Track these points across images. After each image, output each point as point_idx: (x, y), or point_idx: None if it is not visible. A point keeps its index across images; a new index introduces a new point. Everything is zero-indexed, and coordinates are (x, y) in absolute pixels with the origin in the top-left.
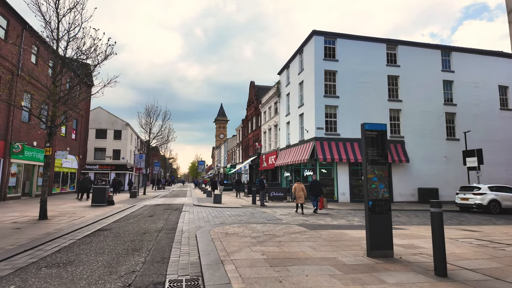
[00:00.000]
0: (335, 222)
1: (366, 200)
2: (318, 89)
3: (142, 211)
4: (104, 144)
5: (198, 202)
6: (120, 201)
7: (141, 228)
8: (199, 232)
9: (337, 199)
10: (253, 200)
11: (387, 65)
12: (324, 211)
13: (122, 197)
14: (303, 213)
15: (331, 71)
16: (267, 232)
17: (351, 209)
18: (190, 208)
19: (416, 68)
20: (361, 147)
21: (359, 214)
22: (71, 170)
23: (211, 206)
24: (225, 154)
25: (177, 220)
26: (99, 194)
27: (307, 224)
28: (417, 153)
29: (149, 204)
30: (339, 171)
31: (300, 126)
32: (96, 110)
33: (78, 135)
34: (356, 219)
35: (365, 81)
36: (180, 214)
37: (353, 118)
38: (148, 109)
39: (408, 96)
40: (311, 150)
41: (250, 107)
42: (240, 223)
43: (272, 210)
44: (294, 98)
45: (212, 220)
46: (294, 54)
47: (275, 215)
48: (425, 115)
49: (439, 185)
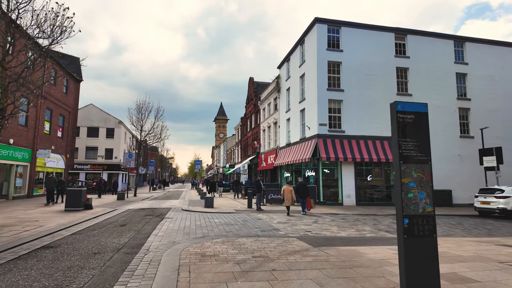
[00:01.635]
0: (343, 233)
1: (399, 216)
2: (320, 81)
3: (118, 218)
4: (96, 143)
5: (188, 206)
6: (103, 205)
7: (97, 245)
8: (167, 254)
9: (342, 202)
10: (248, 204)
11: (395, 56)
12: (329, 218)
13: (108, 199)
14: (288, 214)
15: (335, 62)
16: (258, 251)
17: (358, 214)
18: (176, 214)
19: (427, 60)
20: (391, 138)
21: (369, 221)
22: (56, 170)
23: (200, 211)
24: (224, 154)
25: (151, 232)
26: (73, 197)
27: (309, 236)
28: None
29: (132, 208)
30: (344, 171)
31: (301, 123)
32: (87, 108)
33: (65, 132)
34: (367, 228)
35: (372, 74)
36: (160, 222)
37: (359, 113)
38: (139, 106)
39: (418, 90)
40: (313, 148)
41: (249, 104)
42: (227, 237)
43: (269, 216)
44: (295, 92)
45: (193, 232)
46: (295, 45)
47: (271, 223)
48: (437, 111)
49: (453, 186)
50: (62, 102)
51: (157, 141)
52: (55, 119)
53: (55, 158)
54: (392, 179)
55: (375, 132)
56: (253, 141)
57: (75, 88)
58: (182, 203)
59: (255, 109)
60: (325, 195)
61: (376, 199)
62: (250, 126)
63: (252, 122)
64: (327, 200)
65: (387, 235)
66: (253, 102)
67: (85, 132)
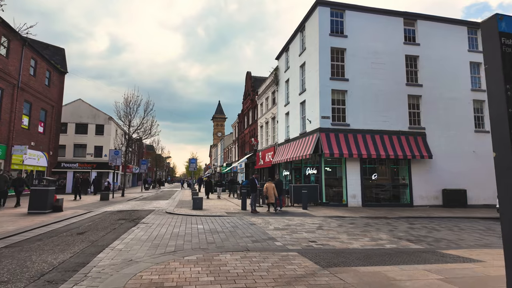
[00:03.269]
0: (356, 243)
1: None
2: (323, 70)
3: (83, 223)
4: (84, 140)
5: (174, 208)
6: (79, 206)
7: (18, 266)
8: (105, 286)
9: (347, 203)
10: (242, 205)
11: (404, 43)
12: (335, 223)
13: (89, 200)
14: (269, 211)
15: (339, 49)
16: (244, 279)
17: (367, 217)
18: (156, 218)
19: (439, 47)
20: (488, 82)
21: (382, 227)
22: (37, 168)
23: (186, 214)
24: (222, 153)
25: (110, 243)
26: (38, 198)
27: (314, 249)
28: (440, 148)
29: (109, 211)
30: (349, 169)
31: (302, 116)
32: (76, 103)
33: (47, 128)
34: (383, 236)
35: (379, 62)
36: (130, 229)
37: (365, 105)
38: (127, 99)
39: (429, 80)
40: (315, 143)
41: (246, 100)
42: (206, 251)
43: (264, 220)
44: (295, 83)
45: (165, 244)
46: (295, 33)
47: (266, 230)
48: (450, 103)
49: (467, 185)
50: (44, 95)
51: (147, 137)
52: (35, 113)
53: (36, 155)
54: (402, 177)
55: (382, 125)
56: (250, 138)
57: (59, 81)
58: (170, 205)
59: (253, 104)
60: (327, 195)
61: (382, 199)
62: (247, 122)
63: (250, 119)
64: (330, 201)
65: (411, 245)
66: (250, 97)
67: (73, 129)
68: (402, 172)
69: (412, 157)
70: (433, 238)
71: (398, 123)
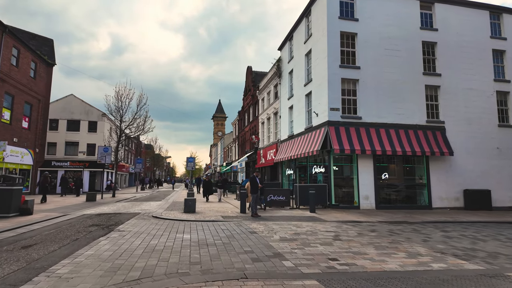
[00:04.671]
0: (391, 261)
1: None
2: (332, 56)
3: (43, 231)
4: (76, 137)
5: (163, 211)
6: (57, 208)
7: None
8: None
9: (358, 205)
10: (241, 209)
11: (421, 28)
12: (353, 230)
13: (75, 200)
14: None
15: (350, 33)
16: None
17: (387, 222)
18: (137, 224)
19: (458, 34)
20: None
21: (412, 235)
22: (21, 167)
23: (175, 218)
24: (222, 152)
25: (51, 265)
26: (1, 200)
27: (339, 273)
28: (461, 144)
29: (88, 214)
30: (361, 167)
31: (307, 110)
32: (67, 98)
33: (33, 124)
34: (420, 249)
35: (393, 48)
36: (94, 241)
37: (379, 96)
38: (118, 92)
39: (448, 69)
40: (323, 138)
41: (247, 96)
42: (184, 279)
43: (268, 227)
44: (299, 74)
45: (129, 265)
46: (299, 19)
47: (270, 241)
48: (471, 94)
49: (491, 185)
50: (29, 88)
51: (140, 133)
52: (18, 106)
53: (19, 152)
54: (419, 176)
55: (398, 119)
56: (250, 136)
57: (47, 73)
58: (160, 207)
59: (253, 100)
60: (337, 197)
61: (395, 201)
62: (248, 120)
63: (250, 115)
64: (339, 203)
65: (464, 264)
66: (251, 93)
67: (65, 126)
68: (419, 171)
69: (431, 153)
70: (484, 252)
71: (414, 116)
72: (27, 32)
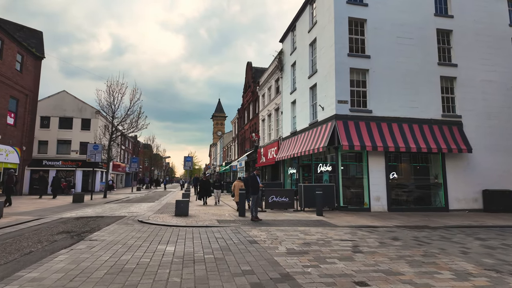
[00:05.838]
0: (438, 286)
1: None
2: (339, 44)
3: None
4: (69, 136)
5: (152, 214)
6: (36, 210)
7: None
8: None
9: (369, 206)
10: (240, 211)
11: (435, 15)
12: (372, 238)
13: (60, 202)
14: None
15: (358, 20)
16: None
17: (407, 227)
18: (115, 230)
19: (475, 21)
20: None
21: (443, 245)
22: (6, 165)
23: (163, 223)
24: (221, 152)
25: None
26: None
27: None
28: (479, 140)
29: (66, 217)
30: (372, 164)
31: (312, 104)
32: (60, 95)
33: (20, 120)
34: (465, 264)
35: (406, 36)
36: (52, 255)
37: (391, 87)
38: (110, 87)
39: (465, 59)
40: (330, 133)
41: (247, 93)
42: None
43: (270, 234)
44: (303, 66)
45: None
46: (302, 7)
47: (275, 254)
48: (489, 86)
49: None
50: (14, 82)
51: (133, 130)
52: (2, 101)
53: (4, 150)
54: (433, 175)
55: (411, 112)
56: (250, 134)
57: (35, 67)
58: (150, 209)
59: (253, 97)
60: (345, 198)
61: (406, 202)
62: (247, 117)
63: (250, 113)
64: (348, 204)
65: None
66: (250, 89)
67: (57, 123)
68: (434, 170)
69: (448, 150)
70: None
71: (429, 109)
72: (14, 23)
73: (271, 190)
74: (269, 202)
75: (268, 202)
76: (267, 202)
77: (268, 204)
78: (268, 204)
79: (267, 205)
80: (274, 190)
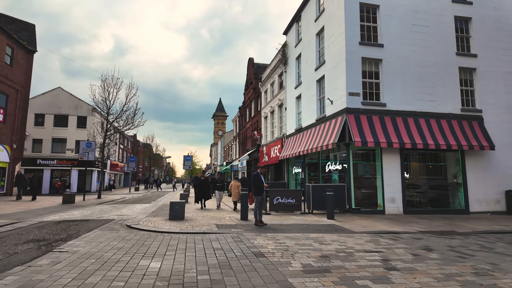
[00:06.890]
0: None
1: None
2: (350, 32)
3: None
4: (64, 134)
5: (144, 217)
6: (19, 212)
7: None
8: None
9: (383, 208)
10: (242, 214)
11: (453, 1)
12: (402, 249)
13: (48, 203)
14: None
15: (370, 5)
16: None
17: (428, 232)
18: (96, 238)
19: (496, 8)
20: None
21: (491, 257)
22: None
23: (153, 229)
24: (222, 151)
25: None
26: None
27: None
28: (501, 136)
29: (46, 221)
30: (386, 162)
31: (319, 98)
32: (55, 91)
33: (9, 116)
34: None
35: (421, 24)
36: None
37: (406, 79)
38: (104, 81)
39: (484, 48)
40: (340, 129)
41: (248, 89)
42: None
43: (279, 244)
44: (309, 57)
45: None
46: None
47: (288, 274)
48: (510, 79)
49: None
50: (3, 76)
51: (129, 127)
52: None
53: None
54: (452, 174)
55: (428, 106)
56: (252, 132)
57: (27, 61)
58: (144, 211)
59: (255, 93)
60: (356, 199)
61: (421, 204)
62: (249, 115)
63: (252, 110)
64: (360, 207)
65: None
66: (252, 86)
67: (51, 121)
68: (451, 169)
69: (469, 147)
70: None
71: (447, 103)
72: (5, 15)
73: (275, 191)
74: (273, 203)
75: (272, 204)
76: (272, 204)
77: (272, 206)
78: (272, 206)
79: (272, 207)
80: (279, 190)
